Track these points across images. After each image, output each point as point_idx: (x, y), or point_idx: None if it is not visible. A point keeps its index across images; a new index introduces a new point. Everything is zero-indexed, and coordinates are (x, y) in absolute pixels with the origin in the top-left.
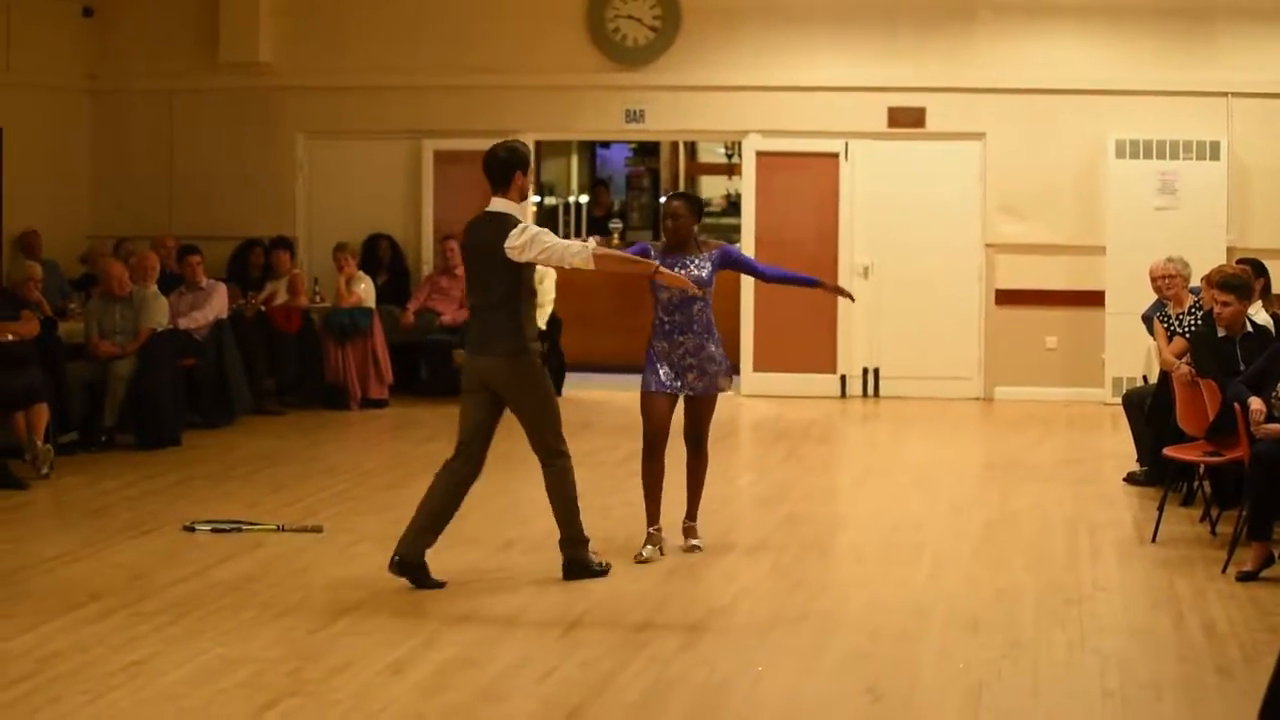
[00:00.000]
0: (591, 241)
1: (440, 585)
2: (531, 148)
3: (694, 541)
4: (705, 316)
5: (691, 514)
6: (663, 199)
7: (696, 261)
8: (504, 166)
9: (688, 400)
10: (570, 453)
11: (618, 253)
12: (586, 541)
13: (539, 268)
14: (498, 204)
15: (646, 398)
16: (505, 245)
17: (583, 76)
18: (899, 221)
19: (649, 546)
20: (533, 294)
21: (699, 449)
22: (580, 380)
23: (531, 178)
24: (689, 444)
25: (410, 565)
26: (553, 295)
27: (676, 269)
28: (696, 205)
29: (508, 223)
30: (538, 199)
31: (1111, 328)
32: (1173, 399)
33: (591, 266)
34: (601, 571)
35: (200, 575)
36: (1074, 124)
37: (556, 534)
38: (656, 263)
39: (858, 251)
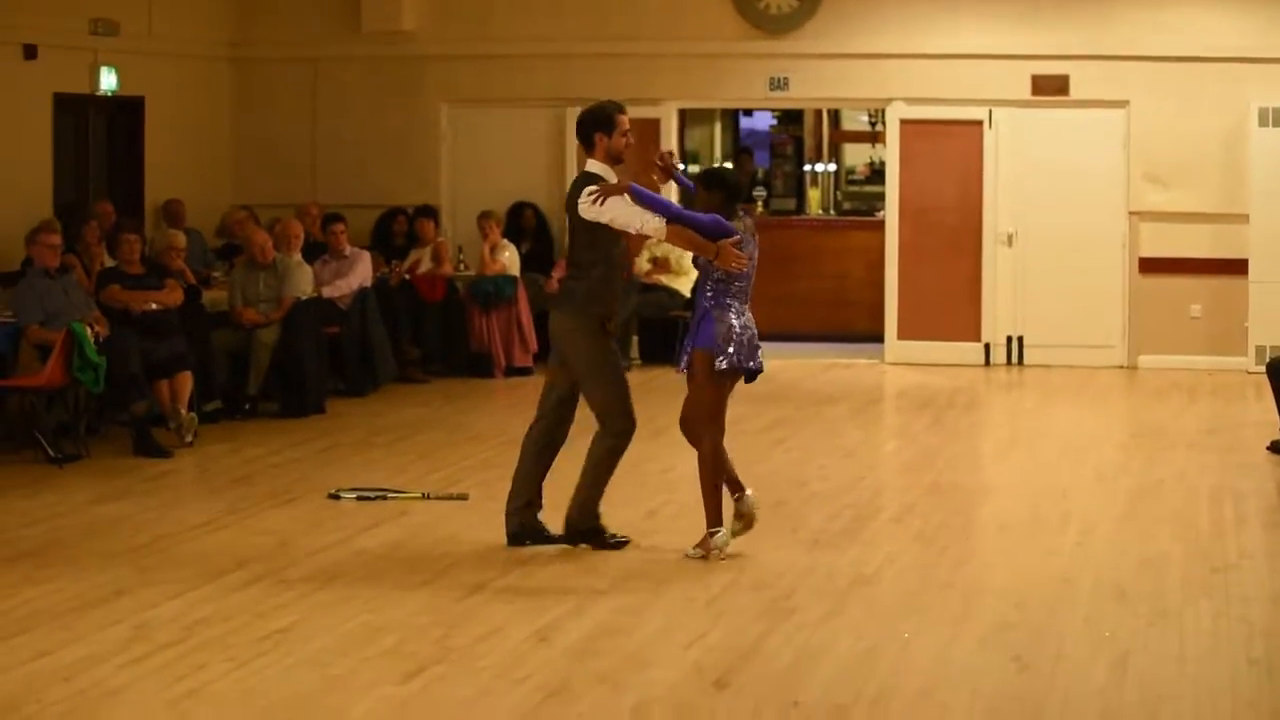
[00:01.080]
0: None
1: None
2: (675, 116)
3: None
4: (699, 292)
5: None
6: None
7: None
8: (584, 128)
9: None
10: (625, 433)
11: (689, 232)
12: (596, 516)
13: None
14: (588, 165)
15: None
16: (578, 203)
17: (727, 44)
18: (1043, 189)
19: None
20: (610, 261)
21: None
22: None
23: (621, 139)
24: None
25: (577, 529)
26: None
27: None
28: (706, 178)
29: (587, 182)
30: (681, 167)
31: (1255, 296)
32: None
33: (663, 237)
34: (613, 543)
35: (345, 543)
36: (1218, 92)
37: (699, 503)
38: (716, 245)
39: (1002, 219)
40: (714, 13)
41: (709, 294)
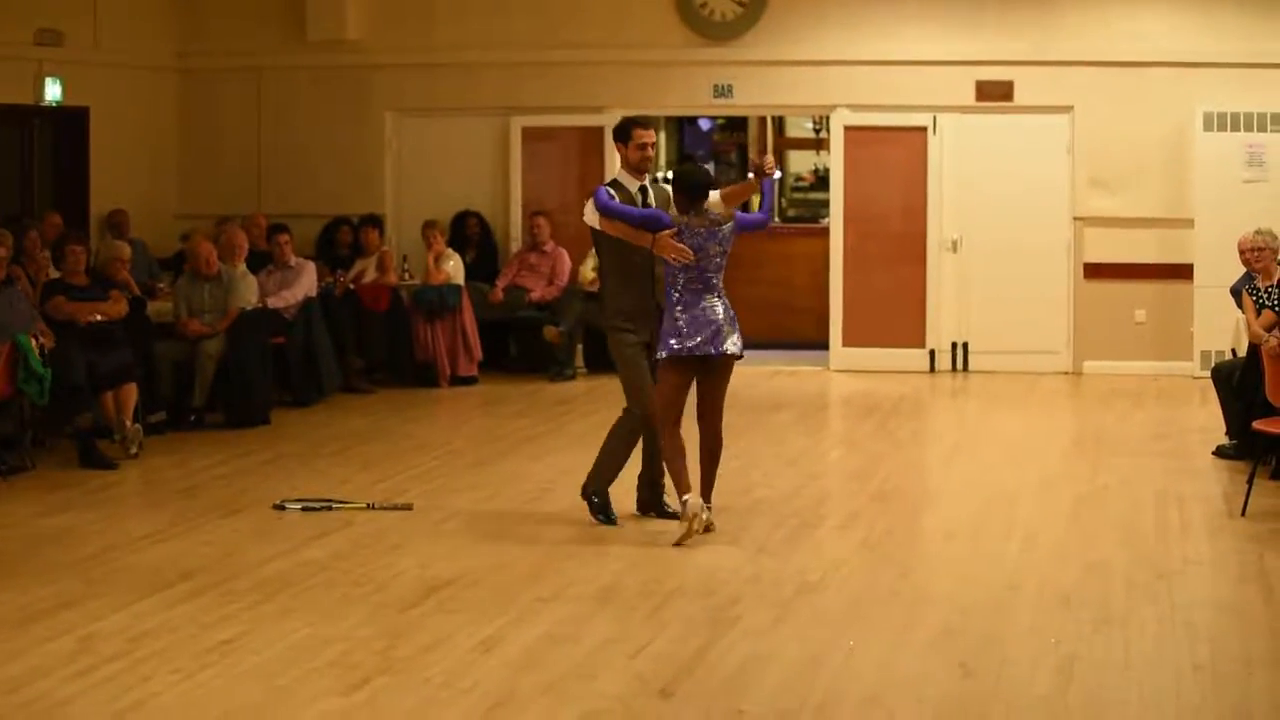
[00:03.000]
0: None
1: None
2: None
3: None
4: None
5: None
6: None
7: None
8: (613, 139)
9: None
10: (644, 415)
11: (619, 224)
12: (599, 491)
13: None
14: (616, 173)
15: None
16: None
17: (670, 52)
18: (987, 195)
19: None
20: (616, 270)
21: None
22: None
23: (636, 152)
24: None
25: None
26: None
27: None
28: (676, 181)
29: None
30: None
31: (1200, 301)
32: (1262, 372)
33: (599, 227)
34: (604, 520)
35: (290, 554)
36: (1162, 97)
37: (651, 513)
38: (654, 236)
39: (946, 225)
40: (658, 20)
41: (668, 287)
